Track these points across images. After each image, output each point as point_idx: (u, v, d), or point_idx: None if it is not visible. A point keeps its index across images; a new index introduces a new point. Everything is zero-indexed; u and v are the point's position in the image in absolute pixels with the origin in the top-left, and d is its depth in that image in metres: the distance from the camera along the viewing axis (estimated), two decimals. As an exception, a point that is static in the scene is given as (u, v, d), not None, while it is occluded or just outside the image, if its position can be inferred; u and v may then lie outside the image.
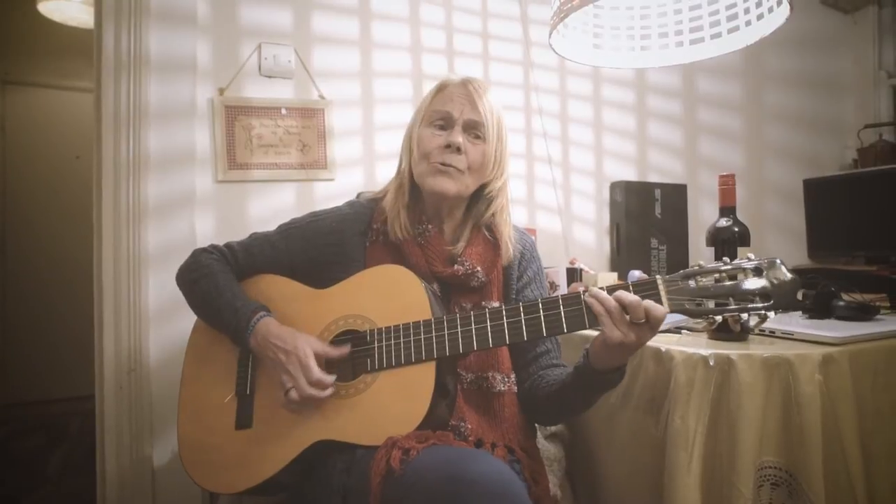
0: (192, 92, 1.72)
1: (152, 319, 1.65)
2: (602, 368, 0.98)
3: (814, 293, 1.36)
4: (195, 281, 1.16)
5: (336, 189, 1.89)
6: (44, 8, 2.73)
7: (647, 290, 0.93)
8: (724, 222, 1.26)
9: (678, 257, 2.25)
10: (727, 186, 1.27)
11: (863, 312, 1.30)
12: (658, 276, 0.94)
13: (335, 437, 1.01)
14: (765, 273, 0.90)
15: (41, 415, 3.46)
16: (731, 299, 0.90)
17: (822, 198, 2.36)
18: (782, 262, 0.90)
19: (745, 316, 0.90)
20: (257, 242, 1.21)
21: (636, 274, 1.81)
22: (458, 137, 1.11)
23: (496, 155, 1.14)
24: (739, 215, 1.29)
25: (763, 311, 0.89)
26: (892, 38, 2.74)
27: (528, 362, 1.17)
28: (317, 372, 1.01)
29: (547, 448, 1.32)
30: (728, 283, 0.91)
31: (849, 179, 2.36)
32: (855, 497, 1.04)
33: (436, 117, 1.14)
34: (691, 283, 0.93)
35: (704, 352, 1.09)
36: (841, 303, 1.33)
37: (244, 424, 1.09)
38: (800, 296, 1.41)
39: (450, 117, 1.13)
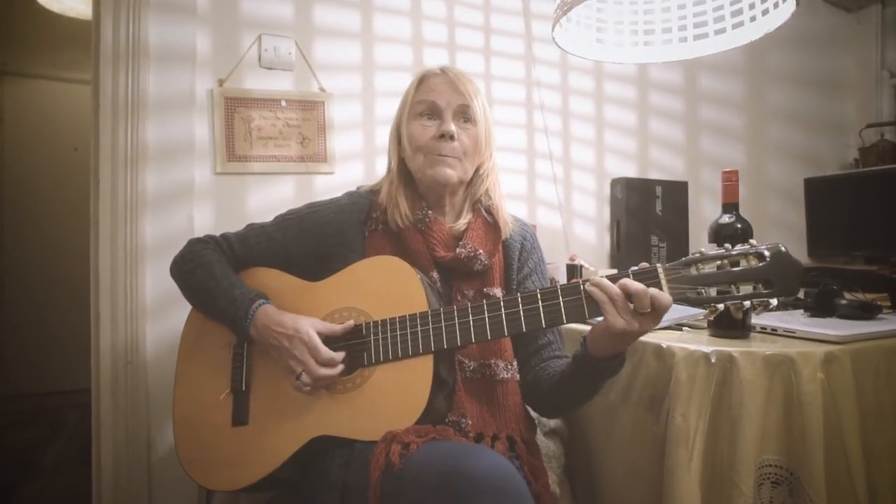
0: (191, 83, 1.71)
1: (149, 312, 1.63)
2: (601, 356, 0.97)
3: (816, 291, 1.36)
4: (191, 271, 1.15)
5: (336, 182, 1.87)
6: (43, -2, 2.71)
7: (647, 278, 0.92)
8: (726, 218, 1.25)
9: (679, 255, 2.23)
10: (730, 182, 1.26)
11: (865, 311, 1.29)
12: (658, 265, 0.92)
13: (333, 432, 1.00)
14: (767, 259, 0.87)
15: (39, 407, 3.46)
16: (733, 287, 0.88)
17: (822, 197, 2.36)
18: (785, 248, 0.88)
19: (747, 303, 0.88)
20: (254, 233, 1.20)
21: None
22: (451, 126, 1.11)
23: (485, 134, 1.16)
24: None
25: (766, 299, 0.87)
26: (895, 37, 2.73)
27: (530, 354, 1.16)
28: (325, 351, 1.00)
29: (546, 445, 1.31)
30: (730, 269, 0.89)
31: (850, 179, 2.35)
32: (856, 496, 1.03)
33: (422, 108, 1.14)
34: (692, 270, 0.91)
35: (706, 349, 1.08)
36: (843, 301, 1.32)
37: (240, 421, 1.08)
38: (801, 294, 1.40)
39: (436, 107, 1.13)
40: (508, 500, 0.81)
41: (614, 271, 1.87)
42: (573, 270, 1.96)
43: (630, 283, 0.89)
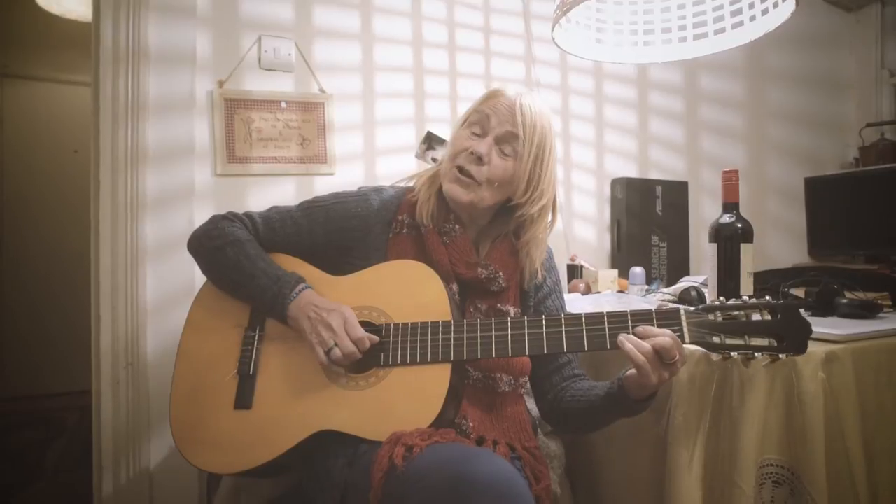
0: (191, 84, 1.71)
1: (150, 313, 1.64)
2: (637, 398, 0.99)
3: (817, 290, 1.35)
4: (219, 248, 1.12)
5: (336, 183, 1.87)
6: (42, 1, 2.71)
7: (669, 319, 0.96)
8: (727, 218, 1.25)
9: (679, 254, 2.25)
10: (731, 182, 1.26)
11: (866, 310, 1.29)
12: (681, 308, 0.97)
13: (339, 427, 0.99)
14: (780, 315, 0.94)
15: (39, 409, 3.45)
16: (745, 336, 0.94)
17: (823, 196, 2.35)
18: (798, 306, 0.95)
19: (758, 355, 0.94)
20: (278, 216, 1.17)
21: (638, 271, 1.80)
22: (483, 147, 1.07)
23: (528, 176, 1.09)
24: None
25: (776, 353, 0.93)
26: (894, 36, 2.73)
27: (550, 373, 1.16)
28: (360, 329, 1.00)
29: (547, 445, 1.31)
30: (744, 319, 0.95)
31: (850, 178, 2.35)
32: (857, 495, 1.03)
33: (474, 119, 1.11)
34: (711, 316, 0.96)
35: (707, 349, 1.08)
36: (844, 300, 1.32)
37: (243, 405, 1.06)
38: (801, 293, 1.40)
39: (487, 124, 1.10)
40: (510, 504, 0.81)
41: (615, 272, 1.88)
42: (574, 271, 1.96)
43: (660, 340, 0.92)
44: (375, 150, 1.96)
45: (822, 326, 1.15)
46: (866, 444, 1.06)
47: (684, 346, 0.95)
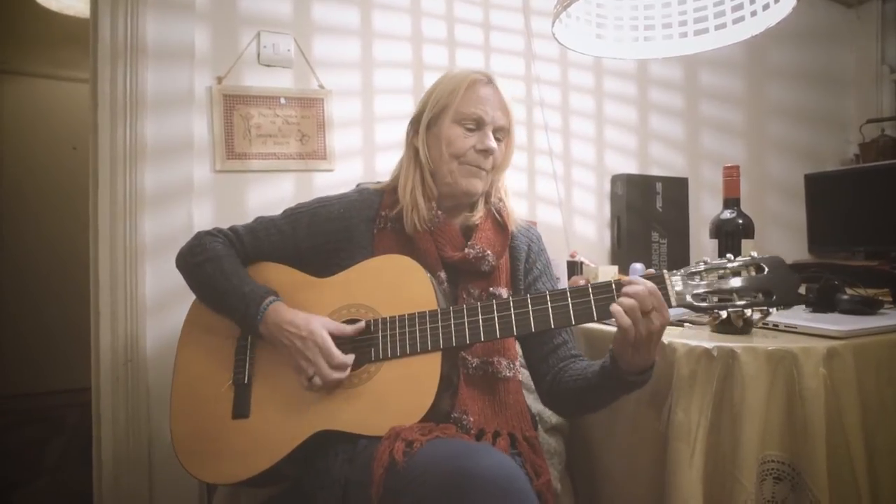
0: (189, 80, 1.70)
1: (149, 310, 1.63)
2: (630, 371, 0.97)
3: (817, 287, 1.35)
4: (199, 264, 1.14)
5: (335, 180, 1.87)
6: (40, -3, 2.70)
7: (654, 283, 0.94)
8: (727, 214, 1.25)
9: (679, 251, 2.25)
10: (731, 178, 1.26)
11: (867, 306, 1.29)
12: (665, 271, 0.96)
13: (337, 427, 1.00)
14: (766, 270, 0.92)
15: (39, 406, 3.45)
16: (734, 295, 0.92)
17: (823, 193, 2.35)
18: (783, 260, 0.93)
19: (748, 312, 0.92)
20: (263, 227, 1.19)
21: (638, 267, 1.80)
22: (491, 143, 1.13)
23: (511, 148, 1.19)
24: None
25: (766, 308, 0.91)
26: (895, 32, 2.72)
27: (547, 355, 1.16)
28: (338, 355, 1.01)
29: (547, 441, 1.31)
30: (732, 279, 0.93)
31: (850, 174, 2.35)
32: (858, 492, 1.03)
33: (467, 118, 1.13)
34: (697, 278, 0.94)
35: (707, 344, 1.08)
36: (845, 296, 1.32)
37: (241, 414, 1.07)
38: (802, 290, 1.40)
39: (481, 120, 1.13)
40: (512, 499, 0.81)
41: (615, 268, 1.88)
42: (574, 267, 1.96)
43: (631, 288, 0.91)
44: (375, 146, 1.95)
45: (822, 322, 1.16)
46: (867, 440, 1.06)
47: (671, 309, 0.94)
